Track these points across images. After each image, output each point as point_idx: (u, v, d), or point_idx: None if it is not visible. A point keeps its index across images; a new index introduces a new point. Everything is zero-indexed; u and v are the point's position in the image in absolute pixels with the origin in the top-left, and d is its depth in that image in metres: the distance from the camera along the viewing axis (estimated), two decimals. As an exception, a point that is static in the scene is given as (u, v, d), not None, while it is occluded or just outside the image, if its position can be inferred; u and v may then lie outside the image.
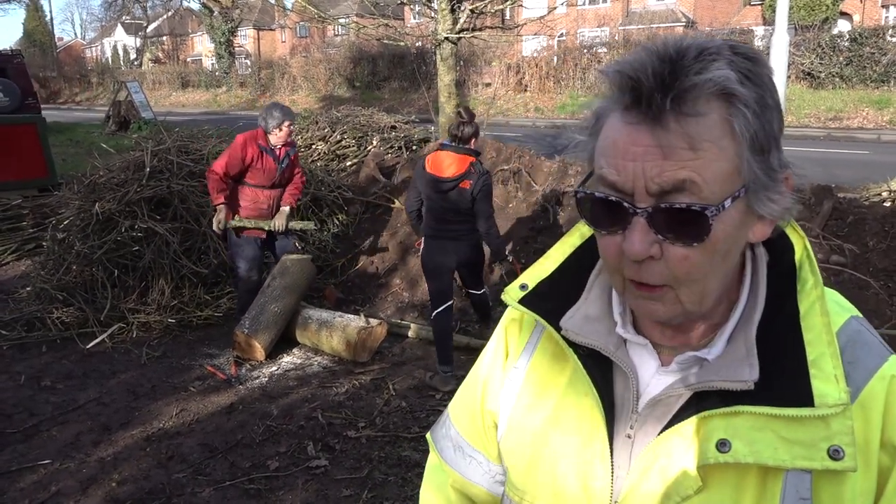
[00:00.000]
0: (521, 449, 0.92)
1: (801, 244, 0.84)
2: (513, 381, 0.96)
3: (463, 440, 1.07)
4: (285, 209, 5.25)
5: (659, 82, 0.69)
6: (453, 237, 4.48)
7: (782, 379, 0.75)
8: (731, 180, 0.72)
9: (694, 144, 0.69)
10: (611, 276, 0.82)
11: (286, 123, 5.04)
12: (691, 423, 0.78)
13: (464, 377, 1.14)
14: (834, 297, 0.83)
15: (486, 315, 5.19)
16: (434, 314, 4.60)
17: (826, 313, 0.77)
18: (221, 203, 4.98)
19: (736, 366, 0.77)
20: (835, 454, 0.71)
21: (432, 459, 1.15)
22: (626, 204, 0.73)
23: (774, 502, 0.74)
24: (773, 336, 0.78)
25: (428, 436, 1.16)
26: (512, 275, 5.66)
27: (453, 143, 4.39)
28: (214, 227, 5.09)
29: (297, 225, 5.47)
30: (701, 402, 0.78)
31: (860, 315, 0.83)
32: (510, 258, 4.85)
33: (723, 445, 0.74)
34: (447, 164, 4.34)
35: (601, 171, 0.75)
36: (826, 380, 0.73)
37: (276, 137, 5.05)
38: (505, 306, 0.97)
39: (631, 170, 0.72)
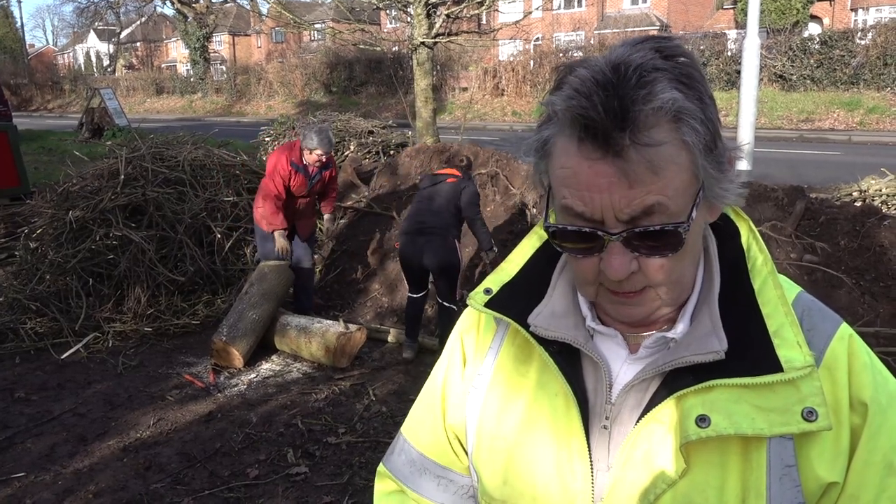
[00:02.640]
0: (495, 457, 0.91)
1: (745, 227, 0.87)
2: (477, 390, 0.95)
3: (429, 460, 1.03)
4: (327, 216, 5.98)
5: (612, 117, 0.69)
6: (422, 232, 4.81)
7: (748, 351, 0.78)
8: (692, 187, 0.75)
9: (656, 169, 0.71)
10: (583, 288, 0.82)
11: (317, 151, 5.26)
12: (667, 406, 0.78)
13: None
14: (781, 276, 0.86)
15: (445, 331, 4.99)
16: (408, 296, 5.09)
17: (779, 286, 0.81)
18: (283, 229, 5.33)
19: (704, 339, 0.79)
20: (808, 416, 0.73)
21: (387, 486, 1.09)
22: (600, 233, 0.75)
23: (761, 474, 0.75)
24: (733, 312, 0.81)
25: (381, 468, 1.10)
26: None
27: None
28: (279, 250, 5.34)
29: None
30: (673, 383, 0.79)
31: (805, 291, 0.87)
32: (496, 249, 5.12)
33: (702, 421, 0.75)
34: (443, 169, 5.13)
35: (565, 201, 0.76)
36: (790, 347, 0.76)
37: (307, 158, 5.31)
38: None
39: (598, 201, 0.73)
